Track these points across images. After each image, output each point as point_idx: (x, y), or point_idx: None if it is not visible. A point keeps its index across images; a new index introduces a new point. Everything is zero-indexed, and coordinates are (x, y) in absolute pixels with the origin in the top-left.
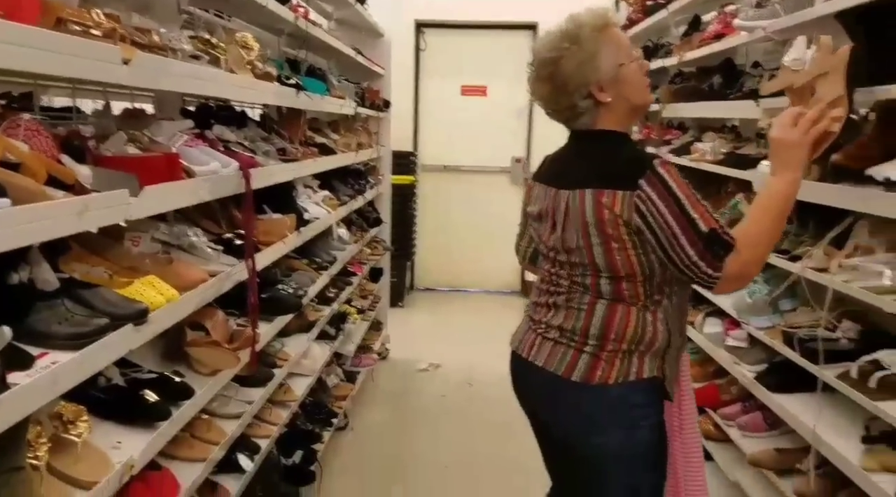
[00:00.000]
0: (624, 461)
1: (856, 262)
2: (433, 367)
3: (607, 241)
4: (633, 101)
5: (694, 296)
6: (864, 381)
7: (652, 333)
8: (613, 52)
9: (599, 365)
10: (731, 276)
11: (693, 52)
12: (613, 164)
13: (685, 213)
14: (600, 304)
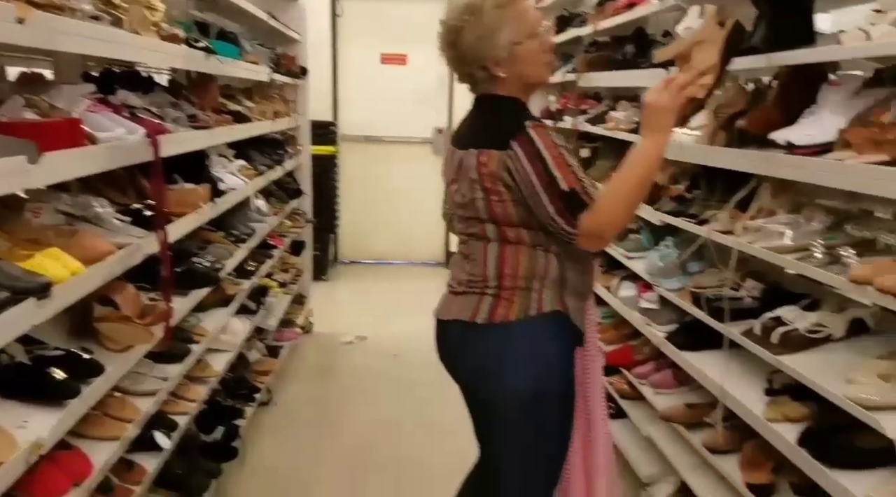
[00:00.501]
0: (534, 398)
1: (759, 223)
2: (359, 340)
3: (488, 195)
4: (528, 79)
5: (610, 261)
6: (767, 337)
7: (544, 266)
8: (512, 29)
9: (500, 304)
10: (588, 233)
11: (606, 22)
12: (495, 126)
13: (548, 172)
14: (492, 247)
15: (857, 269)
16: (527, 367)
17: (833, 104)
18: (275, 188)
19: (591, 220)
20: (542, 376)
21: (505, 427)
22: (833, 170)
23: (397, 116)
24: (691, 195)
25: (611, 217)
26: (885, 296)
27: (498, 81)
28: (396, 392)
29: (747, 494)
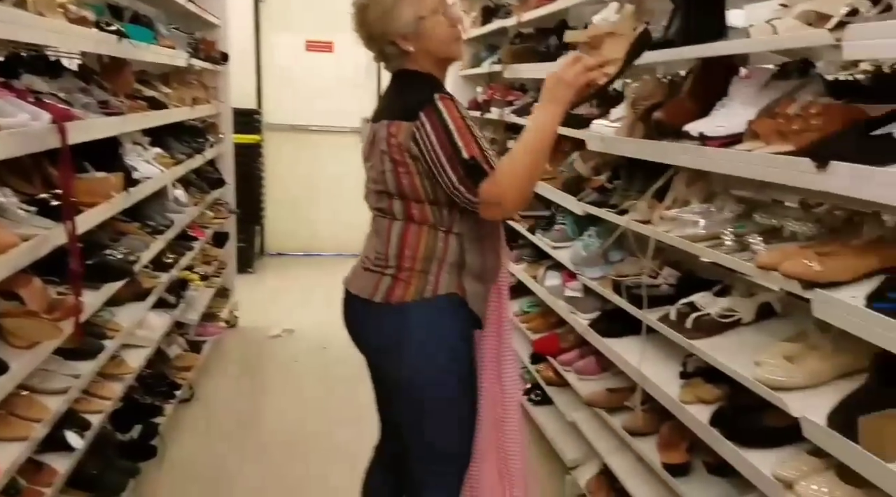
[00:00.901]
0: (429, 378)
1: (674, 213)
2: (286, 333)
3: (396, 166)
4: (437, 54)
5: (536, 252)
6: (682, 323)
7: (443, 249)
8: (414, 4)
9: (398, 284)
10: (488, 201)
11: (530, 13)
12: (406, 99)
13: (452, 141)
14: (396, 225)
15: (764, 256)
16: (422, 347)
17: (743, 96)
18: (195, 178)
19: (491, 188)
20: (436, 357)
21: (407, 405)
22: (741, 160)
23: (324, 105)
24: (612, 186)
25: (509, 185)
26: (789, 280)
27: (408, 57)
28: (325, 385)
29: (664, 474)
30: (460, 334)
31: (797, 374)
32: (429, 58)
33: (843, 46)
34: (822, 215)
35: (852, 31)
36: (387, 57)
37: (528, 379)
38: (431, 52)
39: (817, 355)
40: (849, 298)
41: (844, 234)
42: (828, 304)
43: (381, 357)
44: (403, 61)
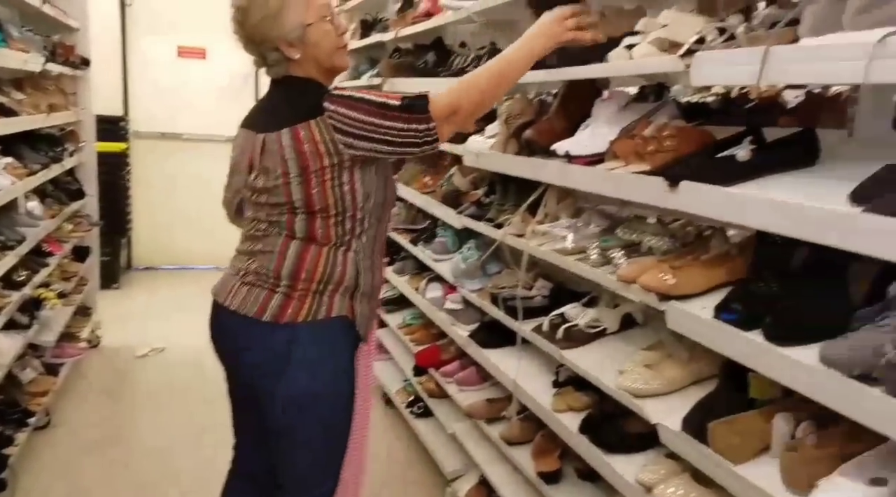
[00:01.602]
0: (312, 400)
1: (545, 228)
2: (155, 352)
3: (306, 174)
4: (322, 62)
5: (418, 265)
6: (554, 334)
7: (341, 272)
8: (300, 10)
9: (290, 303)
10: (443, 115)
11: (406, 29)
12: (299, 102)
13: (373, 103)
14: (294, 244)
15: (624, 269)
16: (309, 369)
17: (604, 117)
18: (52, 189)
19: (441, 101)
20: (323, 378)
21: (284, 425)
22: (603, 178)
23: (198, 112)
24: (489, 200)
25: (466, 92)
26: (646, 293)
27: (293, 63)
28: (198, 405)
29: (538, 482)
30: (348, 357)
31: (655, 381)
32: (315, 65)
33: (692, 73)
34: (677, 230)
35: (699, 58)
36: (269, 62)
37: (410, 391)
38: (318, 59)
39: (674, 363)
40: (699, 310)
41: (696, 248)
42: (680, 316)
43: (260, 375)
44: (288, 67)
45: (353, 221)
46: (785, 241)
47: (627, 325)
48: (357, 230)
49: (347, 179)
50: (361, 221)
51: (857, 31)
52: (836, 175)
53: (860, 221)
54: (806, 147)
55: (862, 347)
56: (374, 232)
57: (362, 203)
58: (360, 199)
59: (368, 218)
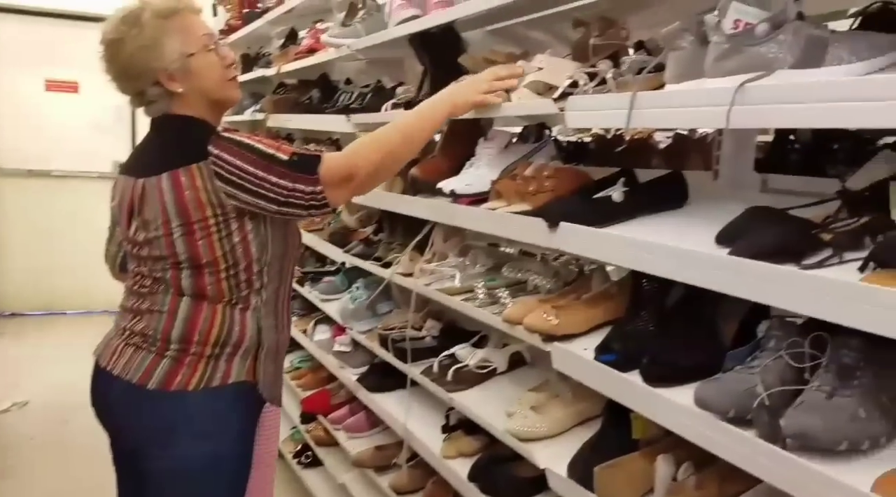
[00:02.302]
0: (202, 476)
1: (433, 266)
2: (18, 406)
3: (189, 224)
4: (210, 94)
5: (306, 305)
6: (444, 375)
7: (239, 333)
8: (180, 40)
9: (180, 370)
10: (335, 179)
11: (289, 65)
12: (184, 142)
13: (261, 154)
14: (184, 302)
15: (509, 310)
16: (199, 440)
17: (487, 157)
18: None
19: (333, 164)
20: (215, 453)
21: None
22: (487, 218)
23: (69, 148)
24: (377, 238)
25: (364, 155)
26: (531, 334)
27: (176, 99)
28: (65, 463)
29: None
30: (245, 426)
31: (542, 423)
32: (201, 100)
33: (566, 116)
34: (561, 268)
35: (572, 102)
36: (148, 99)
37: (298, 440)
38: (204, 92)
39: (560, 404)
40: (581, 350)
41: (578, 286)
42: (564, 357)
43: (144, 448)
44: (170, 104)
45: (248, 276)
46: (660, 280)
47: (517, 364)
48: (255, 285)
49: (237, 230)
50: (259, 275)
51: (716, 77)
52: (703, 216)
53: (725, 263)
54: (675, 189)
55: (734, 390)
56: (277, 286)
57: (258, 256)
58: (255, 251)
59: (267, 271)
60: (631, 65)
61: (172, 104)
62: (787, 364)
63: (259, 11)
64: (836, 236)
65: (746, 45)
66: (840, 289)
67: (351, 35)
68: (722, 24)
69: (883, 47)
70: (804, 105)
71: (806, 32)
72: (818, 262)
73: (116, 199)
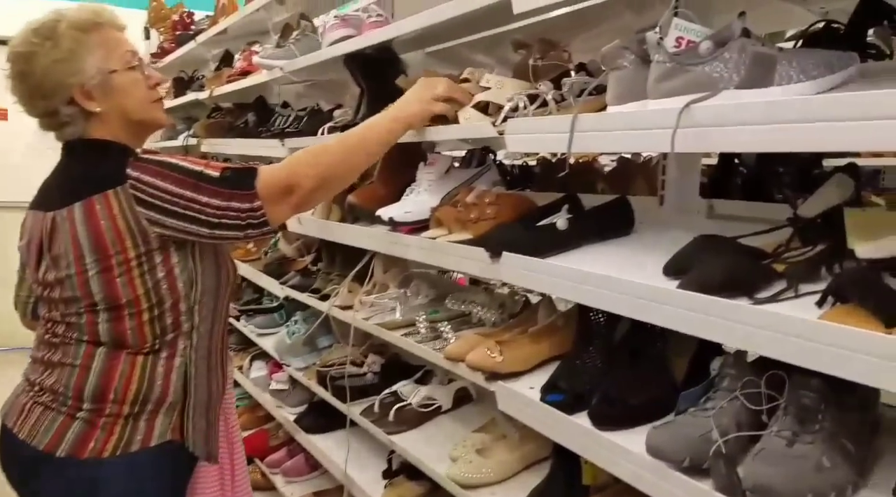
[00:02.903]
0: None
1: (373, 298)
2: None
3: (105, 259)
4: (131, 115)
5: (242, 339)
6: (385, 415)
7: (162, 387)
8: (101, 56)
9: (94, 434)
10: (274, 193)
11: (223, 88)
12: (100, 168)
13: (188, 172)
14: (99, 354)
15: (450, 347)
16: None
17: (427, 183)
18: None
19: (275, 175)
20: None
21: None
22: (426, 247)
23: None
24: (316, 268)
25: (307, 164)
26: (474, 372)
27: (94, 120)
28: None
29: None
30: (172, 493)
31: (487, 468)
32: (121, 121)
33: (507, 140)
34: (506, 299)
35: (512, 125)
36: (60, 120)
37: None
38: (126, 112)
39: (506, 446)
40: (527, 390)
41: (524, 319)
42: (509, 397)
43: None
44: (86, 126)
45: (174, 316)
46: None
47: (462, 400)
48: (184, 326)
49: (161, 264)
50: (188, 315)
51: (659, 98)
52: (649, 244)
53: (673, 297)
54: (621, 215)
55: (688, 435)
56: (210, 325)
57: (186, 292)
58: (183, 287)
59: (198, 310)
60: (572, 87)
61: (89, 126)
62: (742, 406)
63: (192, 34)
64: (790, 267)
65: (690, 64)
66: (797, 327)
67: (284, 56)
68: (664, 43)
69: (833, 65)
70: (752, 127)
71: (752, 50)
72: (772, 296)
73: (25, 237)
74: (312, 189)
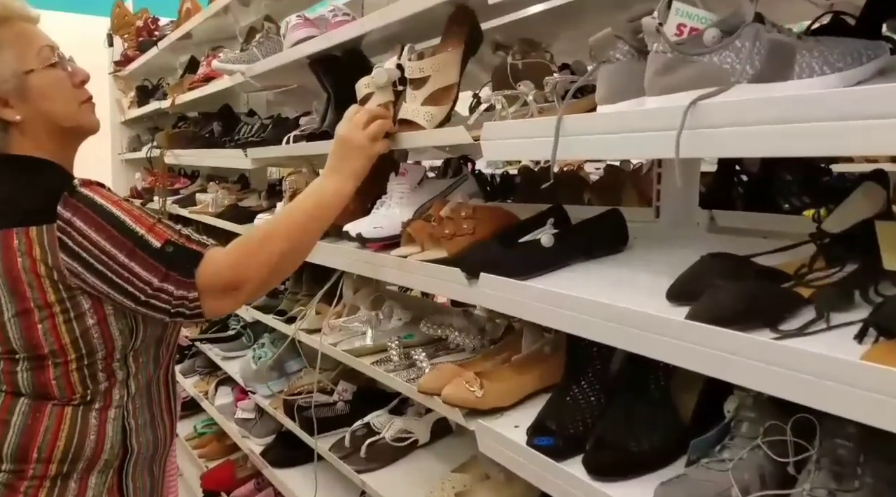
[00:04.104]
0: None
1: (342, 322)
2: None
3: (23, 303)
4: (58, 121)
5: (207, 362)
6: (357, 450)
7: (96, 442)
8: (14, 54)
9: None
10: (217, 287)
11: (185, 96)
12: (26, 194)
13: (128, 231)
14: (20, 406)
15: (424, 380)
16: None
17: (399, 195)
18: None
19: (222, 268)
20: None
21: None
22: (397, 266)
23: None
24: (283, 287)
25: (256, 256)
26: (451, 408)
27: (13, 131)
28: None
29: None
30: None
31: None
32: (47, 129)
33: (483, 146)
34: (485, 322)
35: (488, 130)
36: None
37: None
38: (50, 118)
39: (490, 489)
40: (511, 429)
41: (506, 345)
42: (491, 439)
43: None
44: (5, 139)
45: (107, 365)
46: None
47: (441, 432)
48: (119, 375)
49: (91, 311)
50: (123, 364)
51: (660, 95)
52: (647, 263)
53: (681, 329)
54: (613, 230)
55: (704, 494)
56: (152, 372)
57: (124, 342)
58: (119, 337)
59: (135, 357)
60: (556, 86)
61: (8, 139)
62: (766, 456)
63: (155, 40)
64: (817, 291)
65: (695, 54)
66: (835, 369)
67: (247, 60)
68: (664, 29)
69: (861, 55)
70: (773, 127)
71: (768, 38)
72: (800, 329)
73: None
74: (262, 283)
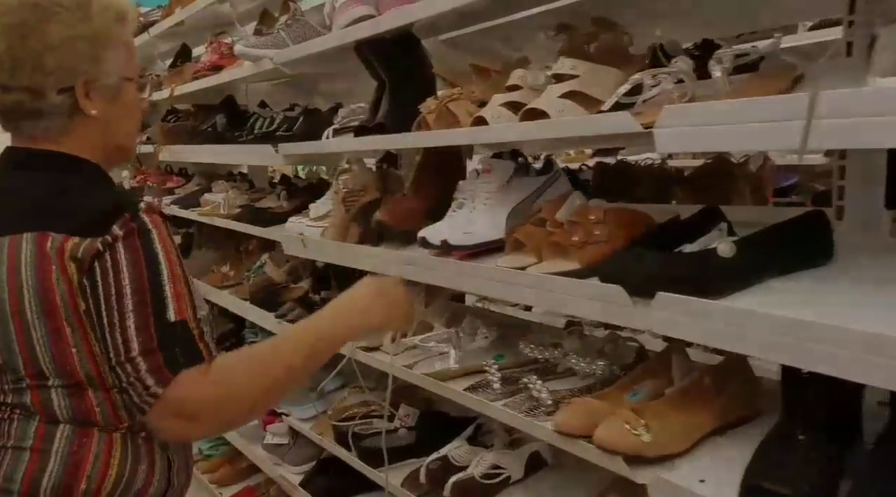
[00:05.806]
0: None
1: (415, 340)
2: None
3: (55, 320)
4: (117, 136)
5: None
6: (438, 487)
7: (146, 472)
8: (126, 57)
9: None
10: (185, 404)
11: (187, 86)
12: (72, 195)
13: (157, 287)
14: (61, 433)
15: (564, 417)
16: None
17: (486, 195)
18: None
19: (204, 392)
20: None
21: None
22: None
23: None
24: (320, 297)
25: (236, 394)
26: (608, 455)
27: (77, 125)
28: None
29: None
30: None
31: None
32: (103, 139)
33: (655, 135)
34: (604, 345)
35: (668, 114)
36: (35, 105)
37: None
38: (114, 131)
39: None
40: (696, 484)
41: (643, 373)
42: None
43: None
44: (63, 131)
45: None
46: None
47: (533, 467)
48: None
49: None
50: None
51: None
52: (872, 278)
53: None
54: (816, 236)
55: None
56: None
57: None
58: None
59: None
60: (723, 60)
61: (67, 133)
62: None
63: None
64: None
65: None
66: None
67: (273, 45)
68: None
69: None
70: None
71: None
72: None
73: None
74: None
